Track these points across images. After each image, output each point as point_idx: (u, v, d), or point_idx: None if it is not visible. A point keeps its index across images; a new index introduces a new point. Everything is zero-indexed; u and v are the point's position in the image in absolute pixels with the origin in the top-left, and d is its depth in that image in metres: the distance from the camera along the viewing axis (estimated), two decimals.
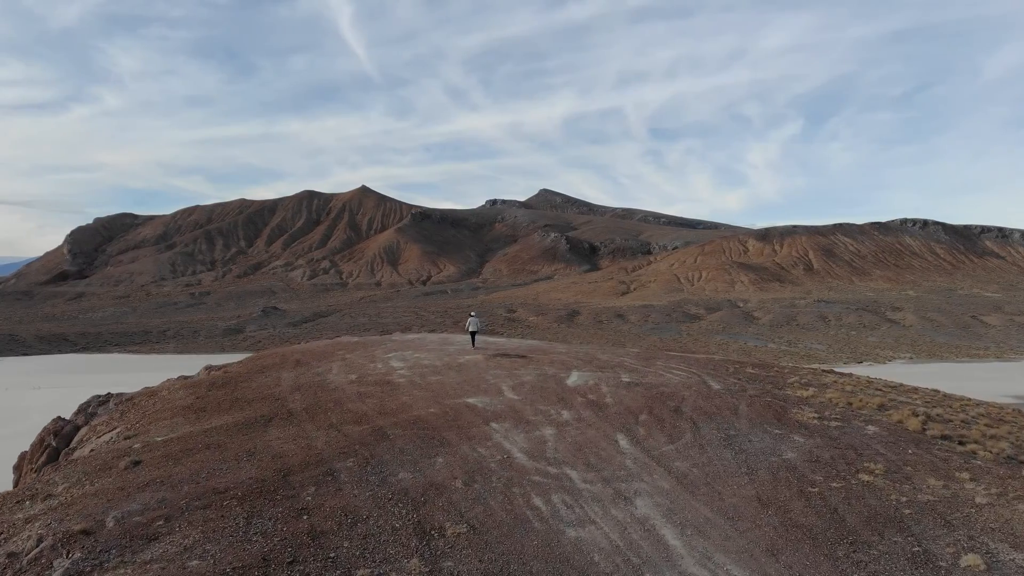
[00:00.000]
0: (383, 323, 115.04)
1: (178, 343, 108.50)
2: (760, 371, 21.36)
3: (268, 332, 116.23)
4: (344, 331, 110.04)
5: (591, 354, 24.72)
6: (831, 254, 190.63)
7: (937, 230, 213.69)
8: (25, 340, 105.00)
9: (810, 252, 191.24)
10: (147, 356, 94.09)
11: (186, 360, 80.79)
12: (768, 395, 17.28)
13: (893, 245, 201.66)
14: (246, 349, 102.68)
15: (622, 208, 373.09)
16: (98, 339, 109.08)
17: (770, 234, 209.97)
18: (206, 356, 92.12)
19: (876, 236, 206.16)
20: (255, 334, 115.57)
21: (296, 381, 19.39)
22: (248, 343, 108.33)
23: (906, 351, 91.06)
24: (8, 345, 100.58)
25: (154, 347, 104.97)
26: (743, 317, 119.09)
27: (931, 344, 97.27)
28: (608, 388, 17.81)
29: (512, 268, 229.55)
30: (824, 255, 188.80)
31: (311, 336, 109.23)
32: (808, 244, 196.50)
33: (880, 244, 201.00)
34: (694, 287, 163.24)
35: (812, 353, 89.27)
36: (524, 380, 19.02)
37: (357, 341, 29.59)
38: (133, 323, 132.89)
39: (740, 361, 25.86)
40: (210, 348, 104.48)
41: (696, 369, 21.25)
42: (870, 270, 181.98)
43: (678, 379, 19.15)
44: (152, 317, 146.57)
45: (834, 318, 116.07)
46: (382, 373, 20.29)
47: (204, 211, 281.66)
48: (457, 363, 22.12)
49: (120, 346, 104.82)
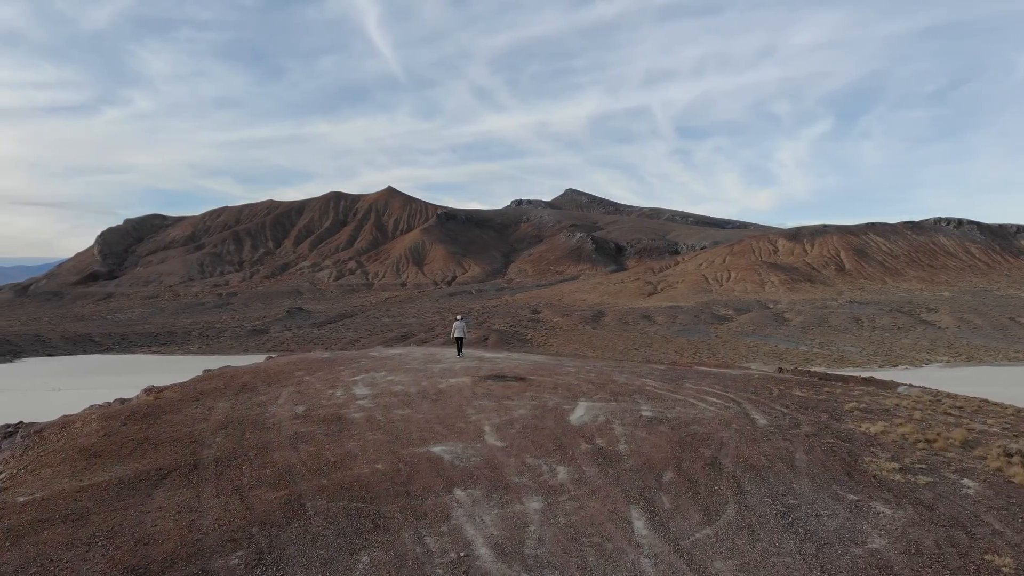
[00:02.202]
0: (407, 324, 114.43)
1: (202, 344, 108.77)
2: (810, 393, 18.00)
3: (292, 333, 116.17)
4: (367, 332, 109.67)
5: (606, 375, 20.90)
6: (863, 254, 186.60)
7: (972, 229, 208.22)
8: (50, 340, 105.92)
9: (842, 252, 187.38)
10: (170, 357, 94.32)
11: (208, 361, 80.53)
12: (828, 432, 13.86)
13: (927, 245, 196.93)
14: (270, 350, 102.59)
15: (649, 208, 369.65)
16: (123, 340, 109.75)
17: (801, 234, 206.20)
18: (229, 357, 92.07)
19: (909, 235, 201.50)
20: (279, 335, 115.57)
21: (229, 414, 16.03)
22: (272, 344, 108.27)
23: (942, 354, 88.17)
24: (33, 345, 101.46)
25: (178, 348, 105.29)
26: (773, 318, 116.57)
27: (968, 347, 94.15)
28: (623, 428, 14.07)
29: (537, 269, 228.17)
30: (856, 255, 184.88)
31: (335, 337, 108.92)
32: (840, 244, 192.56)
33: (913, 244, 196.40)
34: (723, 288, 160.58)
35: (845, 356, 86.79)
36: (515, 415, 15.22)
37: (325, 359, 25.76)
38: (160, 323, 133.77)
39: (783, 379, 21.87)
40: (234, 349, 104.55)
41: (734, 392, 17.82)
42: (903, 270, 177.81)
43: (713, 410, 15.51)
44: (179, 318, 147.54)
45: (867, 320, 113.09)
46: (338, 404, 16.79)
47: (232, 212, 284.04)
48: (436, 389, 18.42)
49: (145, 347, 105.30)
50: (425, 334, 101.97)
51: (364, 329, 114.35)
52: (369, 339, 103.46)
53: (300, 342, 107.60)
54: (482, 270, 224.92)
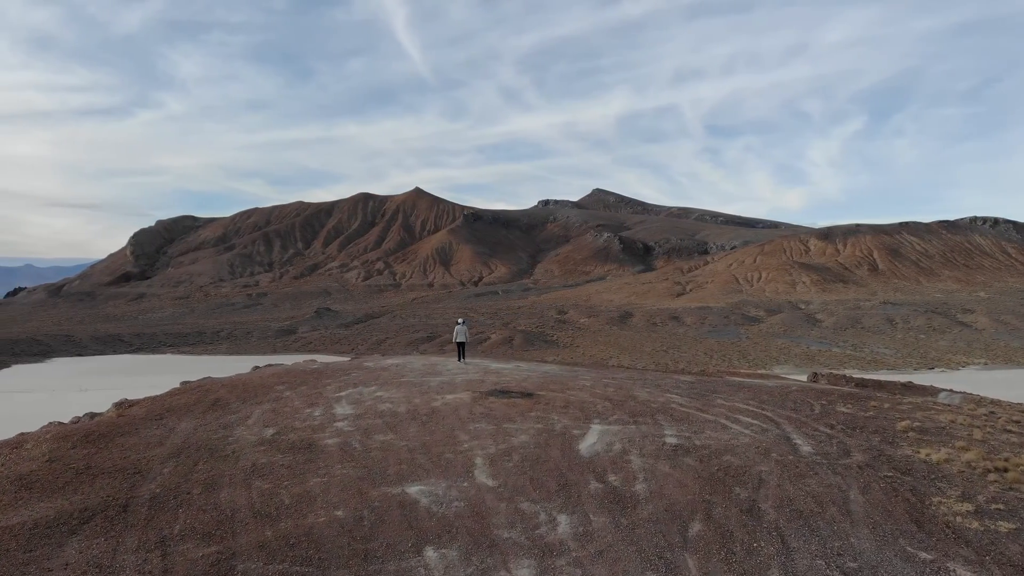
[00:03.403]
0: (433, 324, 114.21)
1: (231, 344, 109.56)
2: (856, 408, 16.16)
3: (320, 333, 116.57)
4: (394, 332, 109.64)
5: (626, 389, 18.56)
6: (897, 254, 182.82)
7: (1008, 228, 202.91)
8: (81, 340, 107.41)
9: (875, 252, 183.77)
10: (198, 357, 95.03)
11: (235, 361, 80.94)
12: (884, 461, 11.87)
13: (962, 244, 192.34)
14: (297, 351, 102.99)
15: (678, 207, 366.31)
16: (152, 340, 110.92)
17: (833, 233, 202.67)
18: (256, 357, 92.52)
19: (944, 235, 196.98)
20: (307, 335, 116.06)
21: (188, 438, 14.30)
22: (299, 344, 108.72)
23: (980, 356, 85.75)
24: (64, 345, 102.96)
25: (207, 348, 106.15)
26: (805, 319, 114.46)
27: (1006, 348, 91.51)
28: (642, 460, 11.95)
29: (564, 269, 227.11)
30: (890, 255, 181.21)
31: (361, 338, 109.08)
32: (873, 243, 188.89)
33: (948, 243, 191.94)
34: (753, 288, 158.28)
35: (879, 358, 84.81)
36: (515, 443, 13.16)
37: (314, 370, 23.73)
38: (190, 324, 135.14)
39: (825, 391, 19.59)
40: (262, 349, 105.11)
41: (771, 409, 15.72)
42: (938, 270, 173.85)
43: (748, 434, 13.53)
44: (209, 318, 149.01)
45: (901, 321, 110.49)
46: (312, 427, 14.85)
47: (263, 213, 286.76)
48: (428, 409, 16.36)
49: (174, 347, 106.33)
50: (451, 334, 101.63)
51: (391, 329, 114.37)
52: (395, 339, 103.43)
53: (327, 342, 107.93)
54: (508, 270, 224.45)
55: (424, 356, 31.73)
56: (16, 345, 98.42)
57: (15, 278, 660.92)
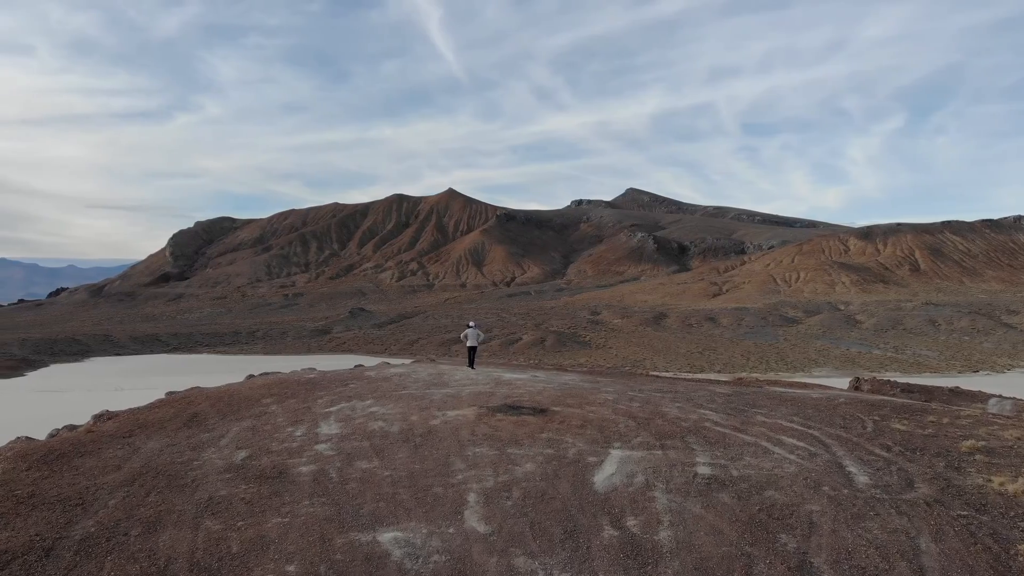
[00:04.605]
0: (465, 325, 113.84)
1: (266, 344, 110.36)
2: (912, 425, 14.44)
3: (353, 333, 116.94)
4: (426, 332, 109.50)
5: (653, 404, 16.38)
6: (939, 253, 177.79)
7: None
8: (119, 340, 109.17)
9: (916, 251, 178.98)
10: (234, 357, 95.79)
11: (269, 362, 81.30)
12: (954, 495, 10.02)
13: (1007, 244, 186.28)
14: (331, 351, 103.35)
15: (714, 206, 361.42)
16: (189, 340, 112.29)
17: (873, 232, 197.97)
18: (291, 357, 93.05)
19: (987, 234, 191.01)
20: (341, 335, 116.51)
21: (150, 461, 12.71)
22: (333, 344, 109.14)
23: None
24: (102, 345, 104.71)
25: (243, 348, 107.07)
26: (845, 320, 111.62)
27: None
28: (668, 497, 10.00)
29: (597, 269, 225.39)
30: (931, 255, 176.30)
31: (394, 338, 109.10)
32: (914, 243, 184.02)
33: (992, 243, 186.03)
34: (791, 288, 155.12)
35: (922, 361, 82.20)
36: (518, 474, 11.26)
37: (309, 379, 21.84)
38: (226, 324, 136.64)
39: (875, 403, 17.39)
40: (297, 349, 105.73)
41: (818, 427, 13.89)
42: (982, 270, 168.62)
43: (794, 460, 11.65)
44: (246, 318, 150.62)
45: (944, 322, 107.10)
46: (290, 450, 13.17)
47: (299, 215, 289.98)
48: (425, 428, 14.45)
49: (209, 347, 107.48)
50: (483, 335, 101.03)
51: (423, 330, 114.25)
52: (428, 340, 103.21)
53: (361, 343, 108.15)
54: (541, 271, 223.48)
55: (433, 364, 29.28)
56: (55, 345, 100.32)
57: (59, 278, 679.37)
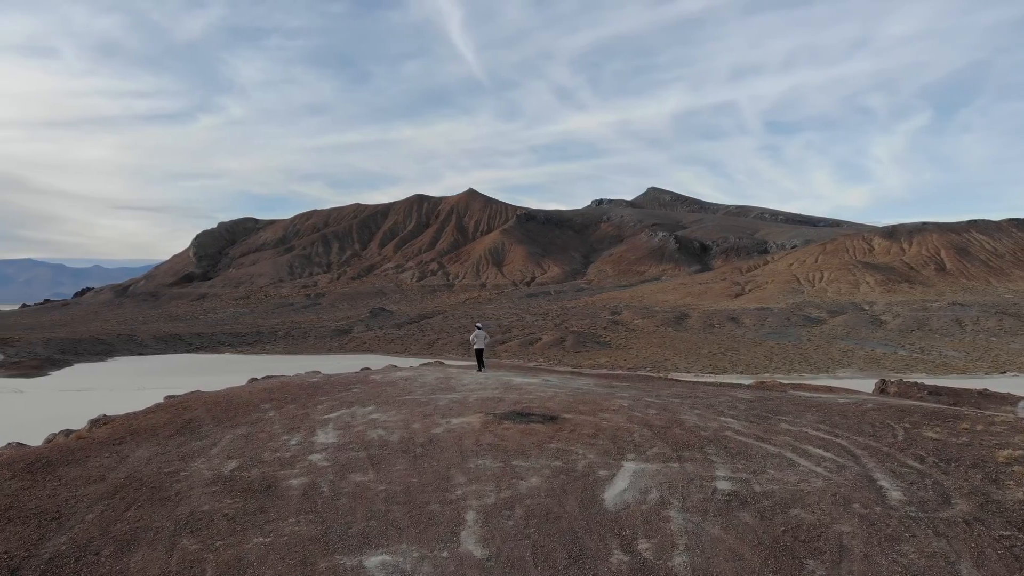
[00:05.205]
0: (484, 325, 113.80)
1: (287, 344, 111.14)
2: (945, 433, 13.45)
3: (374, 333, 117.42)
4: (446, 332, 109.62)
5: (671, 412, 15.37)
6: (965, 253, 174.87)
7: None
8: (142, 340, 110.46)
9: (942, 251, 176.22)
10: (255, 356, 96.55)
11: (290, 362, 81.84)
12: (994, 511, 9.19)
13: None
14: (352, 350, 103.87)
15: (736, 205, 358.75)
16: (212, 339, 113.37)
17: (898, 232, 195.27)
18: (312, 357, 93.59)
19: (1015, 233, 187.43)
20: (361, 335, 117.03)
21: (136, 471, 11.96)
22: (354, 344, 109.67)
23: None
24: (126, 344, 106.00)
25: (264, 348, 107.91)
26: (869, 321, 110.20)
27: None
28: (685, 516, 9.15)
29: (618, 269, 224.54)
30: (958, 254, 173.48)
31: (414, 338, 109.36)
32: (940, 242, 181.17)
33: (1020, 242, 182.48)
34: (815, 288, 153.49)
35: (948, 362, 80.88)
36: (522, 489, 10.35)
37: (312, 383, 21.09)
38: (249, 324, 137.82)
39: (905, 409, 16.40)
40: (318, 349, 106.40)
41: (846, 436, 13.08)
42: (1009, 270, 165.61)
43: (821, 474, 10.76)
44: (268, 318, 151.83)
45: (971, 322, 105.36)
46: (282, 460, 12.43)
47: (321, 215, 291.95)
48: (427, 437, 13.58)
49: (232, 346, 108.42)
50: (502, 335, 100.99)
51: (443, 330, 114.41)
52: (447, 340, 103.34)
53: (381, 342, 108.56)
54: (561, 271, 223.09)
55: (442, 367, 28.36)
56: (79, 344, 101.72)
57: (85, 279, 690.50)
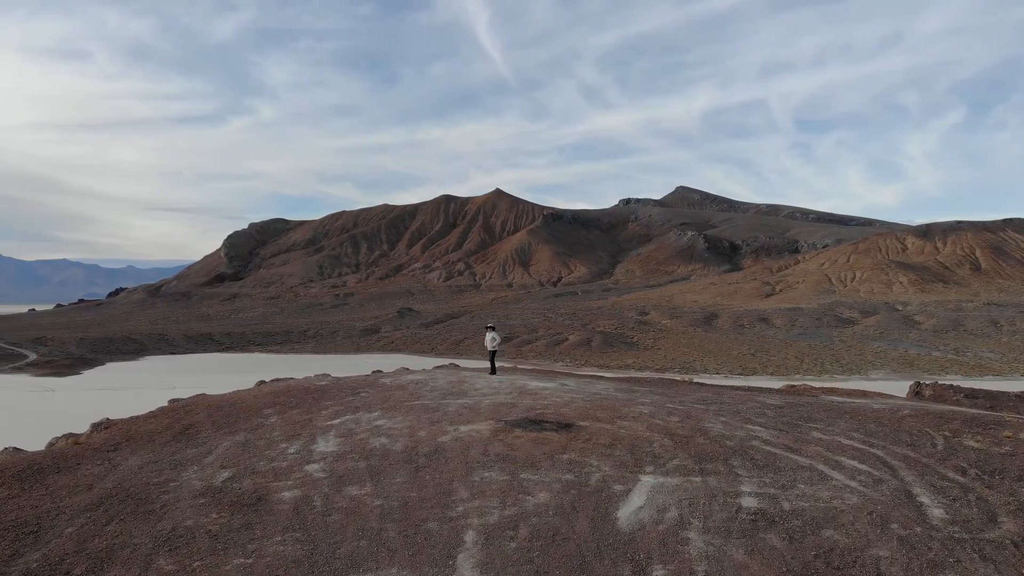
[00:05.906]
0: (511, 325, 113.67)
1: (316, 343, 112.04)
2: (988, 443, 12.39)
3: (401, 333, 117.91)
4: (472, 332, 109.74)
5: (695, 419, 14.18)
6: (1001, 252, 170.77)
7: None
8: (173, 339, 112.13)
9: (977, 250, 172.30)
10: (284, 356, 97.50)
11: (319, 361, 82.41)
12: None
13: None
14: (379, 349, 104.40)
15: (766, 204, 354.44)
16: (241, 339, 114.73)
17: (931, 231, 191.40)
18: (340, 356, 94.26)
19: None
20: (389, 335, 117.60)
21: (125, 481, 11.33)
22: (382, 343, 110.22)
23: None
24: (157, 344, 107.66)
25: (294, 347, 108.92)
26: (903, 321, 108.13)
27: None
28: (706, 539, 8.25)
29: (645, 269, 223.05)
30: (993, 253, 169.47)
31: (440, 338, 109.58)
32: (975, 241, 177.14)
33: None
34: (847, 288, 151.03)
35: (984, 363, 79.09)
36: (529, 505, 9.46)
37: (320, 387, 20.15)
38: (278, 323, 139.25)
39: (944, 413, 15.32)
40: (346, 348, 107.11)
41: (881, 446, 12.04)
42: None
43: (856, 488, 9.76)
44: (298, 317, 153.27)
45: (1007, 323, 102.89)
46: (277, 471, 11.67)
47: (350, 216, 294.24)
48: (433, 445, 12.73)
49: (261, 346, 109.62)
50: (528, 335, 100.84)
51: (469, 330, 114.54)
52: (473, 340, 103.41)
53: (408, 342, 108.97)
54: (588, 271, 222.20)
55: (455, 370, 26.99)
56: (112, 344, 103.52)
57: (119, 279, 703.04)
